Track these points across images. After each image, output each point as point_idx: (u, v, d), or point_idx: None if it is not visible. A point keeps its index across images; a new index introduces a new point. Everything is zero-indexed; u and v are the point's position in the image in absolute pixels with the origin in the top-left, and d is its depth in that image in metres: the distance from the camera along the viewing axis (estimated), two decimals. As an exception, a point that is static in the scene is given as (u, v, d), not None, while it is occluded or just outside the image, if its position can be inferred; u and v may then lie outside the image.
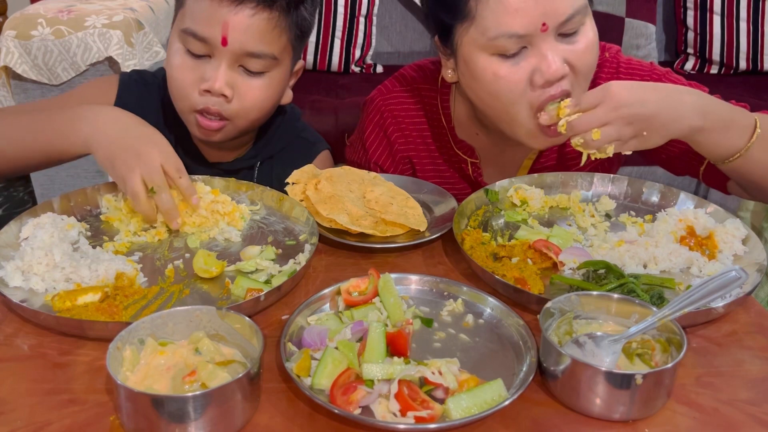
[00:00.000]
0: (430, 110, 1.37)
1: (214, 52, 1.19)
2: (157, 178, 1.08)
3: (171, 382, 0.78)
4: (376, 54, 2.98)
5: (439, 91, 1.36)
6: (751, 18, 2.85)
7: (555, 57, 1.11)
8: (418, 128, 1.38)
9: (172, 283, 1.01)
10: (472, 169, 1.37)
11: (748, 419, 0.79)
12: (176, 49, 1.22)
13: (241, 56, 1.19)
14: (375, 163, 1.40)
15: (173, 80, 1.24)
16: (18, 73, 2.28)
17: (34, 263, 0.97)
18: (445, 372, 0.79)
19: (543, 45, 1.11)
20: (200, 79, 1.20)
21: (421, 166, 1.39)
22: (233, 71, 1.21)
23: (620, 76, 1.30)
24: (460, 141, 1.35)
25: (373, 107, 1.39)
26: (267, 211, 1.19)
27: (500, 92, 1.15)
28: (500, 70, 1.13)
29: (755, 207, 1.75)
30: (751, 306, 0.99)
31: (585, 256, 1.05)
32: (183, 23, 1.20)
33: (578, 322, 0.88)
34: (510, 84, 1.14)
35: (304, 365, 0.81)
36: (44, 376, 0.84)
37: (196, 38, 1.18)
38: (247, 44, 1.18)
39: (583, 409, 0.79)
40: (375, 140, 1.39)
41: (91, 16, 2.26)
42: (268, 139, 1.41)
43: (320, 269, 1.08)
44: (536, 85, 1.13)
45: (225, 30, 1.16)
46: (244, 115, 1.24)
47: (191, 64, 1.21)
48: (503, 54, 1.13)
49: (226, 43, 1.17)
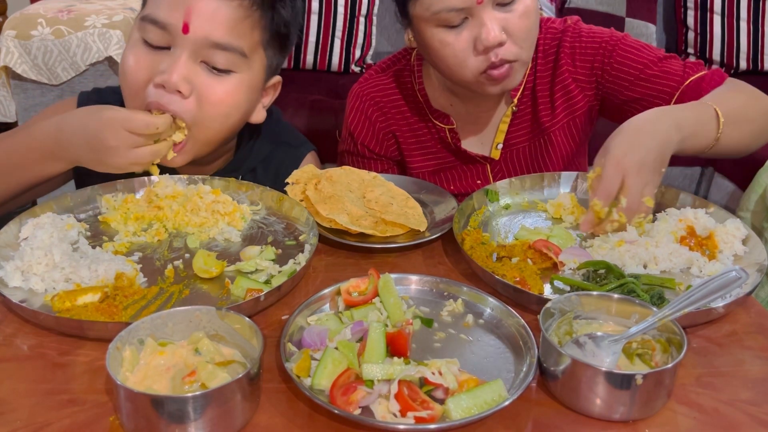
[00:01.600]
0: (406, 88, 1.46)
1: (175, 42, 1.09)
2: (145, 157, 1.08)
3: (171, 383, 0.78)
4: (376, 54, 2.98)
5: (413, 70, 1.45)
6: (752, 18, 2.85)
7: (493, 25, 1.20)
8: (395, 105, 1.47)
9: (172, 283, 1.01)
10: (450, 135, 1.44)
11: (749, 419, 0.79)
12: (133, 41, 1.12)
13: (204, 47, 1.09)
14: (362, 144, 1.48)
15: (125, 78, 1.12)
16: (18, 73, 2.29)
17: (34, 263, 0.97)
18: (445, 372, 0.79)
19: (482, 14, 1.20)
20: (155, 74, 1.09)
21: (404, 139, 1.47)
22: (194, 65, 1.10)
23: (582, 38, 1.38)
24: (435, 111, 1.44)
25: (353, 95, 1.50)
26: (267, 211, 1.19)
27: (447, 58, 1.26)
28: (446, 38, 1.24)
29: (755, 207, 1.75)
30: (751, 306, 0.99)
31: (585, 256, 1.05)
32: (145, 11, 1.11)
33: (578, 322, 0.88)
34: (455, 50, 1.24)
35: (304, 365, 0.81)
36: (44, 376, 0.84)
37: (156, 25, 1.08)
38: (212, 33, 1.08)
39: (583, 410, 0.79)
40: (359, 124, 1.47)
41: (91, 16, 2.26)
42: (249, 149, 1.33)
43: (320, 269, 1.07)
44: (478, 51, 1.23)
45: (188, 16, 1.06)
46: (203, 121, 1.13)
47: (147, 57, 1.10)
48: (447, 25, 1.23)
49: (187, 30, 1.07)
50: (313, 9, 2.78)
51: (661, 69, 1.34)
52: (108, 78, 2.38)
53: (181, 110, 1.11)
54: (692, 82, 1.31)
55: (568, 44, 1.38)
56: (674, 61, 1.36)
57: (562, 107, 1.41)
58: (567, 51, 1.39)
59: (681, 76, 1.33)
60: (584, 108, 1.42)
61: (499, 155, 1.45)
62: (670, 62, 1.35)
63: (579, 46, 1.38)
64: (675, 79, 1.33)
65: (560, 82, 1.40)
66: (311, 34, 2.79)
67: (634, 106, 1.35)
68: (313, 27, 2.79)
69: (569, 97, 1.41)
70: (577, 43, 1.38)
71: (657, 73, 1.34)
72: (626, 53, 1.36)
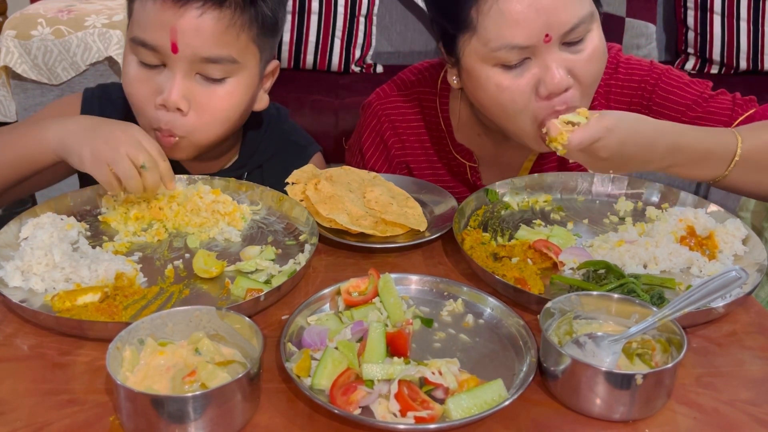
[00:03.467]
0: (429, 114, 1.35)
1: (167, 61, 1.11)
2: (143, 154, 1.04)
3: (171, 383, 0.78)
4: (376, 54, 2.98)
5: (438, 95, 1.34)
6: (752, 18, 2.85)
7: (559, 68, 1.09)
8: (415, 132, 1.36)
9: (172, 283, 1.01)
10: (471, 172, 1.35)
11: (748, 419, 0.79)
12: (129, 60, 1.15)
13: (196, 63, 1.11)
14: (371, 169, 1.38)
15: (130, 96, 1.17)
16: (18, 73, 2.29)
17: (34, 263, 0.97)
18: (445, 372, 0.79)
19: (546, 56, 1.09)
20: (156, 92, 1.13)
21: (419, 171, 1.38)
22: (189, 80, 1.12)
23: (618, 75, 1.29)
24: (458, 145, 1.34)
25: (371, 112, 1.38)
26: (267, 211, 1.19)
27: (504, 103, 1.14)
28: (503, 81, 1.12)
29: (755, 207, 1.75)
30: (751, 306, 0.99)
31: (585, 256, 1.05)
32: (132, 32, 1.13)
33: (578, 322, 0.88)
34: (514, 95, 1.12)
35: (304, 365, 0.81)
36: (44, 376, 0.84)
37: (146, 47, 1.11)
38: (200, 49, 1.10)
39: (583, 410, 0.79)
40: (371, 146, 1.38)
41: (91, 16, 2.26)
42: (255, 146, 1.35)
43: (320, 269, 1.07)
44: (541, 96, 1.11)
45: (173, 35, 1.08)
46: (203, 128, 1.15)
47: (145, 75, 1.13)
48: (506, 65, 1.11)
49: (176, 50, 1.09)
50: (313, 9, 2.78)
51: (706, 110, 1.23)
52: (108, 78, 2.38)
53: (182, 125, 1.14)
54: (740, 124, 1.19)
55: (602, 82, 1.25)
56: (721, 98, 1.24)
57: None
58: (602, 90, 1.27)
59: (729, 116, 1.21)
60: None
61: None
62: (717, 100, 1.24)
63: (615, 84, 1.28)
64: (723, 120, 1.21)
65: None
66: (311, 34, 2.79)
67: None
68: (313, 27, 2.79)
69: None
70: (612, 81, 1.27)
71: (701, 115, 1.23)
72: (667, 94, 1.25)
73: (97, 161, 1.04)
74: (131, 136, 1.06)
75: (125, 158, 1.03)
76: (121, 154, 1.04)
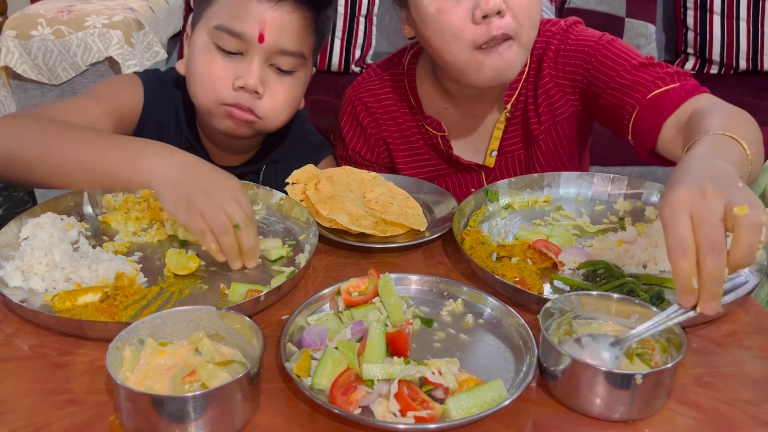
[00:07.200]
0: (399, 93, 1.44)
1: (248, 49, 1.20)
2: (240, 214, 1.01)
3: (171, 383, 0.78)
4: (376, 54, 2.98)
5: (405, 74, 1.44)
6: (751, 18, 2.85)
7: None
8: (388, 111, 1.45)
9: (172, 283, 1.01)
10: (443, 142, 1.42)
11: (748, 419, 0.79)
12: (203, 45, 1.22)
13: (274, 54, 1.21)
14: (353, 150, 1.47)
15: (199, 76, 1.23)
16: (18, 73, 2.28)
17: (34, 263, 0.97)
18: (445, 372, 0.79)
19: None
20: (232, 76, 1.21)
21: (395, 146, 1.46)
22: (266, 69, 1.22)
23: (568, 41, 1.33)
24: (428, 117, 1.42)
25: (346, 100, 1.48)
26: (267, 211, 1.19)
27: (443, 29, 1.21)
28: (443, 5, 1.20)
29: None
30: (751, 306, 0.99)
31: (585, 256, 1.05)
32: (215, 20, 1.21)
33: (578, 322, 0.88)
34: (452, 18, 1.19)
35: (304, 365, 0.81)
36: (44, 376, 0.84)
37: (231, 34, 1.19)
38: (282, 42, 1.20)
39: (583, 409, 0.79)
40: (350, 130, 1.47)
41: (91, 16, 2.26)
42: (277, 143, 1.42)
43: (320, 269, 1.08)
44: (476, 19, 1.18)
45: (263, 27, 1.18)
46: (274, 114, 1.26)
47: (221, 60, 1.21)
48: None
49: (263, 40, 1.19)
50: (313, 9, 2.78)
51: (632, 78, 1.23)
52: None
53: (258, 107, 1.23)
54: (654, 97, 1.19)
55: (553, 47, 1.33)
56: (652, 70, 1.23)
57: (545, 112, 1.37)
58: (551, 54, 1.34)
59: (648, 89, 1.20)
60: (567, 113, 1.36)
61: (494, 163, 1.42)
62: (647, 71, 1.23)
63: (563, 49, 1.33)
64: (641, 91, 1.21)
65: (542, 86, 1.35)
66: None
67: (607, 117, 1.29)
68: (313, 27, 2.79)
69: (551, 102, 1.36)
70: (562, 46, 1.33)
71: (627, 83, 1.23)
72: (605, 59, 1.27)
73: (193, 212, 1.00)
74: (232, 193, 1.02)
75: (222, 214, 0.99)
76: (219, 209, 0.99)
